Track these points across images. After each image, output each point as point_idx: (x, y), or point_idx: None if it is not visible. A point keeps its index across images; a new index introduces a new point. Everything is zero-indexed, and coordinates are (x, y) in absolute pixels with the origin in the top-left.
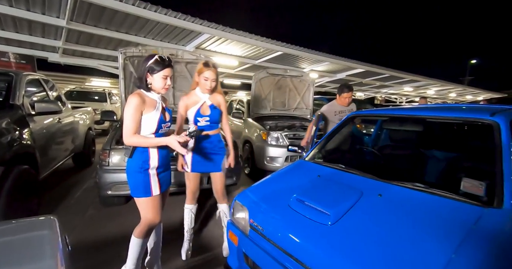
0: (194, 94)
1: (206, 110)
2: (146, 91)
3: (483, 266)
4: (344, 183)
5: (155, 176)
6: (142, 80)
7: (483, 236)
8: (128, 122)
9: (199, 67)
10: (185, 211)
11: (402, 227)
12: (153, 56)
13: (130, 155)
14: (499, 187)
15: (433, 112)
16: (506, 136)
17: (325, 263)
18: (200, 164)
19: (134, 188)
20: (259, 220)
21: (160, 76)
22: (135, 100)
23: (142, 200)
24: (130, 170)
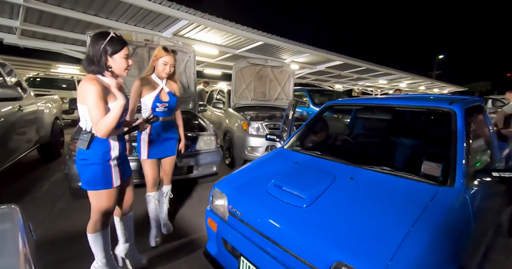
0: (151, 79)
1: (165, 96)
2: (102, 76)
3: (437, 236)
4: (319, 169)
5: (116, 167)
6: (98, 63)
7: (437, 211)
8: (97, 114)
9: (158, 51)
10: (147, 199)
11: (368, 206)
12: (108, 34)
13: (86, 146)
14: (452, 168)
15: (401, 101)
16: (461, 122)
17: (298, 242)
18: (157, 150)
19: (91, 180)
20: (238, 206)
21: (121, 56)
22: (96, 88)
23: (101, 192)
24: (86, 162)
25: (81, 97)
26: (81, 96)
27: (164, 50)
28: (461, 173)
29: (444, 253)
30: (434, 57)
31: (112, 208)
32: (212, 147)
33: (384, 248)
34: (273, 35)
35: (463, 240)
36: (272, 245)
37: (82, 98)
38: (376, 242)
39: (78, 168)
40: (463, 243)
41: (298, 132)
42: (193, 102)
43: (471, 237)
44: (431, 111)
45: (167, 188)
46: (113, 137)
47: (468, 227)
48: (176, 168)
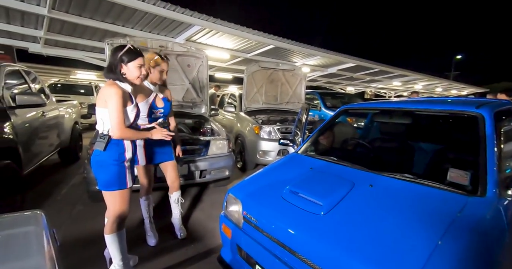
0: (143, 85)
1: (159, 102)
2: (120, 82)
3: (467, 252)
4: (336, 175)
5: (129, 168)
6: (115, 70)
7: (467, 224)
8: (118, 114)
9: (155, 58)
10: (141, 203)
11: (391, 215)
12: (125, 46)
13: (103, 148)
14: (482, 176)
15: (421, 105)
16: (490, 127)
17: (317, 252)
18: (153, 156)
19: (107, 181)
20: (253, 212)
21: (134, 65)
22: (117, 91)
23: (116, 193)
24: (103, 163)
25: (101, 101)
26: (101, 100)
27: (162, 57)
28: (493, 182)
29: None
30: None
31: (127, 209)
32: (224, 151)
33: (411, 261)
34: (284, 38)
35: (496, 254)
36: (289, 254)
37: (102, 101)
38: (402, 255)
39: (95, 169)
40: (496, 257)
41: (312, 137)
42: (205, 106)
43: (505, 251)
44: (456, 115)
45: (176, 194)
46: (127, 140)
47: (502, 241)
48: (188, 173)
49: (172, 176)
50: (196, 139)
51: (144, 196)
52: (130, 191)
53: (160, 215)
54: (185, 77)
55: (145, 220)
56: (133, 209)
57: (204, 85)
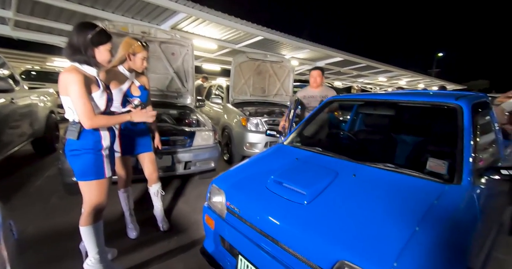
0: (118, 72)
1: (135, 90)
2: (85, 66)
3: (444, 236)
4: (320, 165)
5: (107, 157)
6: (85, 52)
7: (444, 210)
8: (82, 102)
9: (135, 45)
10: (119, 195)
11: (373, 204)
12: (95, 26)
13: (76, 137)
14: (459, 165)
15: (404, 97)
16: (468, 118)
17: (299, 241)
18: (129, 147)
19: (83, 171)
20: (236, 202)
21: (106, 48)
22: (77, 77)
23: (93, 183)
24: (77, 153)
25: (63, 89)
26: (63, 87)
27: (142, 44)
28: (468, 171)
29: (451, 253)
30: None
31: (105, 200)
32: (210, 142)
33: (390, 247)
34: (272, 29)
35: (469, 239)
36: (271, 243)
37: (64, 89)
38: (381, 241)
39: (69, 159)
40: (469, 242)
41: (298, 128)
42: (190, 96)
43: (477, 236)
44: (436, 106)
45: (156, 186)
46: (102, 127)
47: (474, 226)
48: (172, 164)
49: (149, 168)
50: (180, 130)
51: (123, 188)
52: (109, 181)
53: (143, 207)
54: (169, 66)
55: (125, 213)
56: (114, 202)
57: (189, 75)
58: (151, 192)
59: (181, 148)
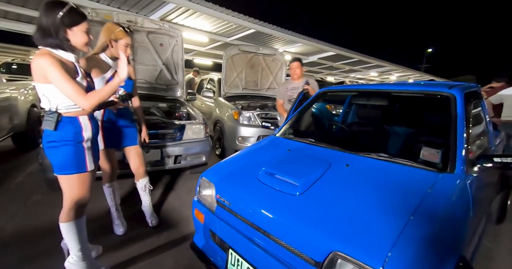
0: (100, 59)
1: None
2: (59, 50)
3: (437, 225)
4: (313, 156)
5: (89, 150)
6: (56, 35)
7: (437, 199)
8: (70, 83)
9: (117, 31)
10: (104, 190)
11: (366, 194)
12: (65, 4)
13: (54, 127)
14: (452, 154)
15: (397, 86)
16: (461, 107)
17: (291, 233)
18: (113, 140)
19: (63, 164)
20: (226, 195)
21: (81, 29)
22: (52, 60)
23: (74, 177)
24: (55, 145)
25: (37, 76)
26: (37, 74)
27: (126, 30)
28: (462, 159)
29: (445, 243)
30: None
31: (87, 195)
32: (201, 136)
33: (383, 237)
34: (265, 22)
35: (463, 228)
36: (263, 236)
37: (39, 76)
38: (375, 231)
39: (47, 151)
40: (463, 231)
41: (290, 120)
42: (181, 89)
43: (469, 225)
44: (430, 96)
45: (143, 181)
46: (83, 117)
47: (467, 215)
48: (161, 158)
49: (136, 162)
50: (169, 123)
51: (107, 183)
52: (92, 175)
53: (131, 203)
54: (158, 57)
55: (110, 209)
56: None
57: (179, 67)
58: (139, 187)
59: (170, 142)
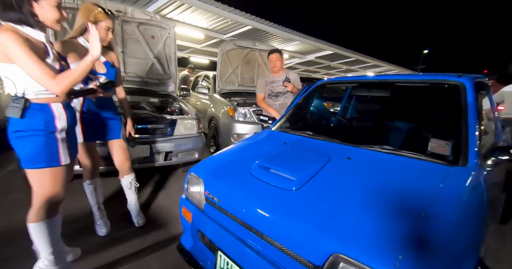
0: (77, 43)
1: (100, 67)
2: (25, 27)
3: (453, 224)
4: (311, 149)
5: (64, 142)
6: (19, 9)
7: (450, 195)
8: (35, 65)
9: (97, 12)
10: (85, 187)
11: (370, 189)
12: None
13: (20, 115)
14: (464, 145)
15: (401, 76)
16: (471, 96)
17: (287, 232)
18: (94, 132)
19: (31, 156)
20: (216, 191)
21: (51, 3)
22: (14, 36)
23: (45, 171)
24: (23, 134)
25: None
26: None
27: (105, 12)
28: (474, 151)
29: (461, 243)
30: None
31: (61, 193)
32: (193, 132)
33: (393, 237)
34: (262, 19)
35: (480, 228)
36: (255, 237)
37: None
38: (382, 231)
39: (13, 142)
40: (480, 231)
41: (287, 113)
42: (173, 84)
43: (485, 224)
44: (437, 85)
45: (128, 178)
46: (56, 105)
47: (483, 213)
48: (151, 154)
49: (120, 157)
50: (159, 118)
51: (88, 179)
52: (67, 170)
53: (117, 202)
54: (149, 50)
55: (92, 208)
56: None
57: (172, 61)
58: (123, 184)
59: (160, 137)
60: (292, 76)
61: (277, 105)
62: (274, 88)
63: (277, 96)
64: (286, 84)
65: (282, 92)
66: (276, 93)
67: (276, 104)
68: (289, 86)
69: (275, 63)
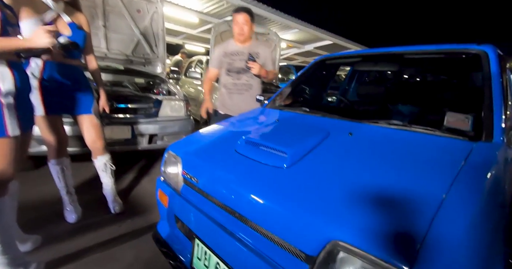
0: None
1: (64, 28)
2: None
3: (482, 209)
4: (307, 125)
5: (12, 109)
6: None
7: (476, 174)
8: None
9: None
10: (50, 168)
11: (377, 167)
12: None
13: None
14: (488, 119)
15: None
16: (495, 64)
17: (275, 216)
18: (59, 104)
19: None
20: (194, 170)
21: None
22: None
23: None
24: None
25: None
26: None
27: None
28: (500, 125)
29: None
30: None
31: (8, 169)
32: (181, 114)
33: (410, 222)
34: (259, 3)
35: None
36: (238, 222)
37: None
38: (395, 215)
39: None
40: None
41: (283, 90)
42: (161, 64)
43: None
44: (454, 55)
45: (102, 159)
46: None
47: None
48: (132, 136)
49: (91, 135)
50: (143, 97)
51: (54, 159)
52: (16, 143)
53: (94, 187)
54: (135, 25)
55: (60, 191)
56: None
57: (160, 39)
58: (97, 166)
59: (143, 118)
60: (263, 51)
61: (237, 87)
62: (235, 63)
63: (238, 73)
64: (250, 65)
65: (246, 69)
66: (238, 69)
67: (236, 85)
68: (255, 67)
69: (241, 28)
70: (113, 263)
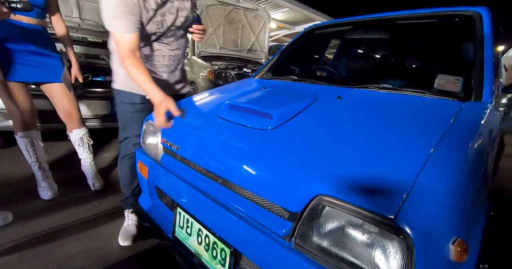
0: None
1: None
2: None
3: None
4: (294, 91)
5: None
6: None
7: (463, 131)
8: None
9: None
10: (17, 141)
11: (367, 126)
12: None
13: None
14: (477, 79)
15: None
16: (488, 25)
17: (258, 175)
18: (20, 69)
19: None
20: (174, 137)
21: None
22: None
23: None
24: None
25: None
26: None
27: None
28: (490, 86)
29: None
30: None
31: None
32: None
33: (395, 173)
34: None
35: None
36: (221, 187)
37: None
38: (381, 169)
39: None
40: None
41: (270, 61)
42: None
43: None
44: (448, 18)
45: (78, 132)
46: None
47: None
48: (112, 113)
49: (63, 105)
50: None
51: (21, 132)
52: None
53: (73, 164)
54: None
55: (32, 167)
56: None
57: None
58: (73, 140)
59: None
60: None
61: (169, 60)
62: (167, 18)
63: (172, 37)
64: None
65: (181, 28)
66: (173, 31)
67: (168, 59)
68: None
69: None
70: (92, 239)
